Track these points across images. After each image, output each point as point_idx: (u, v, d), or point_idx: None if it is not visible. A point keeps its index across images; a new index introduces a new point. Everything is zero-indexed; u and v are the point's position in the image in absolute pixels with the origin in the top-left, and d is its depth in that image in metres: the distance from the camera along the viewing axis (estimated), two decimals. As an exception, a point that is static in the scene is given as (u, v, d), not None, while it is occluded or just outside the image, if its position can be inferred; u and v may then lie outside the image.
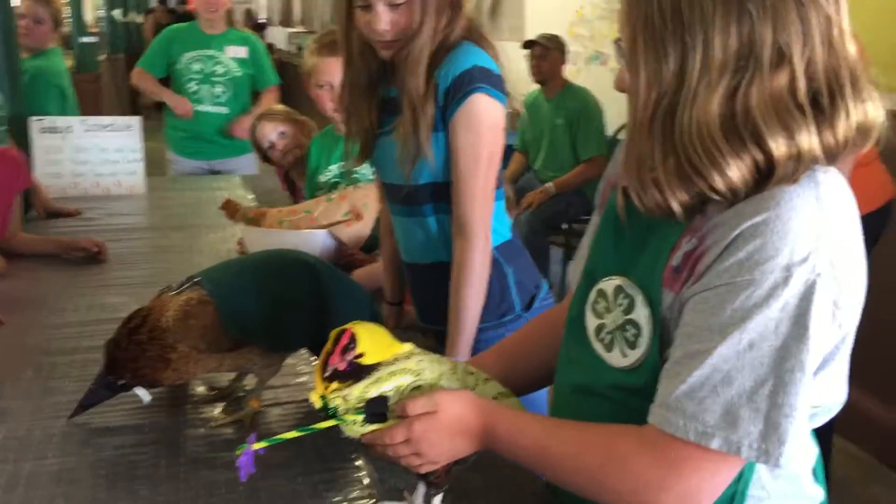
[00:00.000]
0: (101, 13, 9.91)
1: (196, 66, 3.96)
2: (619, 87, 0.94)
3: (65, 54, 4.13)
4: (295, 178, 2.94)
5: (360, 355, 0.97)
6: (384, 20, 1.50)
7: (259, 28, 14.10)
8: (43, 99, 3.48)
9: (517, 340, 1.26)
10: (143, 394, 1.39)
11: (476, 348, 1.58)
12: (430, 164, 1.55)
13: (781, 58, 0.84)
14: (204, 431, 1.40)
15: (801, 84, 0.84)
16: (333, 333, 0.99)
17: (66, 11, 6.44)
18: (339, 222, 2.24)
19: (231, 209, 2.37)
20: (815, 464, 1.00)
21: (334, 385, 0.97)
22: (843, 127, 0.85)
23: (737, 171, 0.84)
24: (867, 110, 0.87)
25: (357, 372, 0.97)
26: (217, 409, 1.48)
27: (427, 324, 1.76)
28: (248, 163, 4.06)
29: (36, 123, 3.19)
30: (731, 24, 0.83)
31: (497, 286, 1.63)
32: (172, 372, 1.36)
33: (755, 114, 0.83)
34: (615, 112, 4.72)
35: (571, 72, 5.08)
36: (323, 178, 2.46)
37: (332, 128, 2.48)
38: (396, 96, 1.58)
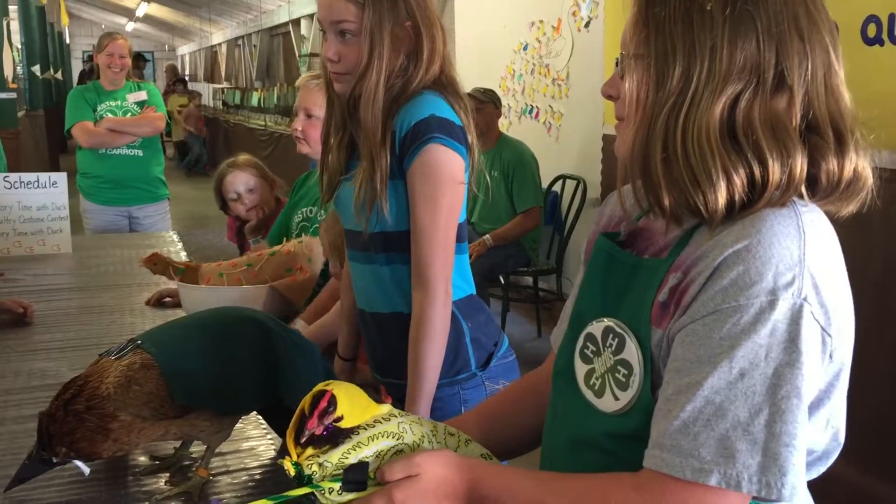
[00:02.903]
0: (20, 69, 9.70)
1: (109, 116, 4.03)
2: (607, 93, 0.97)
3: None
4: (247, 234, 2.85)
5: (340, 418, 0.91)
6: (332, 49, 1.53)
7: (183, 83, 13.95)
8: None
9: (498, 402, 1.22)
10: (83, 465, 1.29)
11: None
12: (385, 213, 1.52)
13: (782, 82, 0.86)
14: (148, 506, 1.30)
15: (797, 111, 0.86)
16: (309, 395, 0.92)
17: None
18: (282, 277, 2.16)
19: (159, 264, 2.25)
20: None
21: (309, 451, 0.90)
22: (849, 163, 0.87)
23: (727, 184, 0.84)
24: (863, 161, 0.88)
25: (335, 436, 0.91)
26: (161, 481, 1.38)
27: (381, 377, 1.70)
28: (164, 209, 4.22)
29: (-47, 181, 3.06)
30: (738, 39, 0.86)
31: (452, 342, 1.57)
32: (113, 443, 1.27)
33: (757, 126, 0.85)
34: (549, 164, 4.77)
35: (504, 125, 5.13)
36: (296, 218, 2.40)
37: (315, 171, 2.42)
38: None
